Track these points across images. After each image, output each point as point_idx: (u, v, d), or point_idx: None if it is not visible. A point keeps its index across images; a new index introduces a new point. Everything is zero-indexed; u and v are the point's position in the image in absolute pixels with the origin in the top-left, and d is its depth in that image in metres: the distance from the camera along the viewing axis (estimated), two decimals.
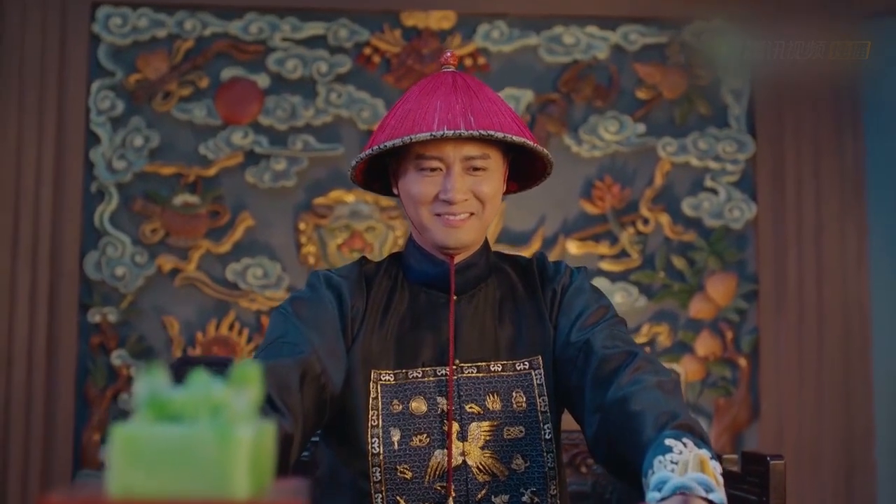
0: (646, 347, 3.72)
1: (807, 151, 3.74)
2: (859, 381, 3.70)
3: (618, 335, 1.83)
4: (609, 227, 3.76)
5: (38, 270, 3.55)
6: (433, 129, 1.75)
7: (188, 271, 3.63)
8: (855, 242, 3.74)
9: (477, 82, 1.87)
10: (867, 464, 3.69)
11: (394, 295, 1.90)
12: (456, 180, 1.79)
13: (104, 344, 3.59)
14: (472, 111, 1.79)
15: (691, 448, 1.48)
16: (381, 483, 1.80)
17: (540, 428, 1.86)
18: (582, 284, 1.93)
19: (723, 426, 3.71)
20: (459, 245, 1.84)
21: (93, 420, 3.56)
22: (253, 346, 3.62)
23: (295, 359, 1.71)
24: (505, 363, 1.87)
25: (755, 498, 2.08)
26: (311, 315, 1.81)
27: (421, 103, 1.83)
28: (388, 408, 1.82)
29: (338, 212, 3.69)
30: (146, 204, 3.64)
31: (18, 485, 3.46)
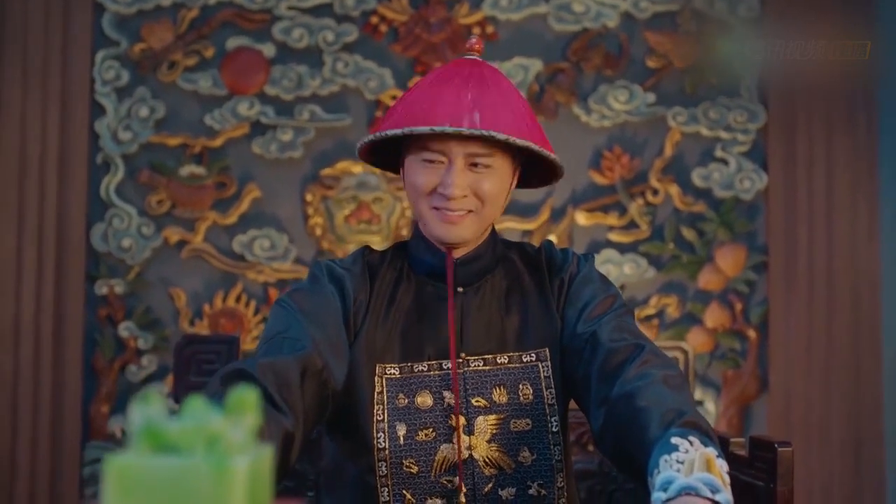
0: (654, 320, 3.71)
1: (819, 122, 3.69)
2: (868, 354, 3.68)
3: (625, 327, 1.81)
4: (618, 197, 3.73)
5: (45, 242, 3.54)
6: (436, 123, 1.72)
7: (195, 243, 3.62)
8: (866, 214, 3.71)
9: (496, 75, 1.82)
10: (875, 436, 3.68)
11: (399, 287, 1.87)
12: (456, 175, 1.76)
13: (111, 315, 3.59)
14: (480, 108, 1.75)
15: (697, 446, 1.47)
16: (388, 477, 1.79)
17: (547, 420, 1.84)
18: (589, 273, 1.90)
19: (731, 398, 3.70)
20: (456, 241, 1.82)
21: (101, 392, 3.57)
22: (260, 317, 3.61)
23: (296, 355, 1.68)
24: (511, 355, 1.86)
25: (762, 484, 2.07)
26: (312, 308, 1.79)
27: (432, 92, 1.79)
28: (394, 402, 1.80)
29: (345, 183, 3.66)
30: (152, 175, 3.62)
31: (28, 456, 3.47)
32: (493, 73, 1.83)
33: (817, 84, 3.68)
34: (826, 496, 3.65)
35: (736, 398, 3.71)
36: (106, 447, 3.56)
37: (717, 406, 3.70)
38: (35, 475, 3.47)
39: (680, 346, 2.75)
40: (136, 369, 3.58)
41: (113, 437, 3.57)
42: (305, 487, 2.55)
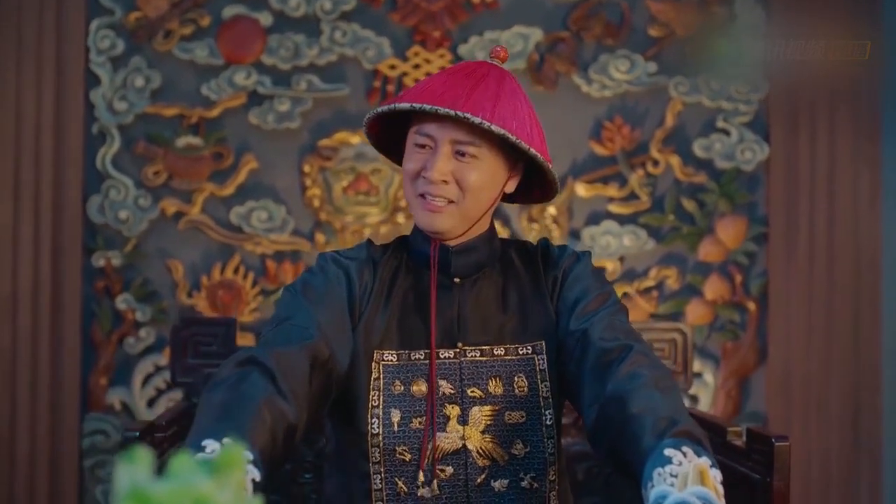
0: (653, 292, 3.70)
1: (822, 93, 3.65)
2: (868, 326, 3.68)
3: (617, 325, 1.81)
4: (618, 168, 3.70)
5: (41, 214, 3.52)
6: (416, 101, 1.75)
7: (192, 215, 3.60)
8: (868, 186, 3.68)
9: (508, 79, 1.83)
10: (873, 408, 3.68)
11: (398, 275, 1.90)
12: (439, 160, 1.78)
13: (109, 288, 3.58)
14: (470, 95, 1.76)
15: (691, 457, 1.46)
16: (380, 464, 1.81)
17: (541, 413, 1.85)
18: (584, 270, 1.91)
19: (729, 370, 3.70)
20: (435, 230, 1.84)
21: (99, 364, 3.57)
22: (258, 289, 3.60)
23: (303, 344, 1.72)
24: (508, 347, 1.87)
25: (759, 477, 2.07)
26: (319, 294, 1.82)
27: (435, 78, 1.82)
28: (390, 388, 1.83)
29: (343, 154, 3.63)
30: (148, 146, 3.59)
31: (27, 428, 3.48)
32: (506, 78, 1.84)
33: (820, 53, 3.64)
34: (823, 467, 3.66)
35: (735, 370, 3.71)
36: (105, 419, 3.56)
37: (716, 378, 3.70)
38: (34, 447, 3.48)
39: (678, 327, 2.73)
40: (135, 341, 3.57)
41: (112, 408, 3.57)
42: (303, 469, 2.56)
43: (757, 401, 3.71)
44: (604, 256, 3.68)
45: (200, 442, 1.41)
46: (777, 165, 3.69)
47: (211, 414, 1.51)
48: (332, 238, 3.61)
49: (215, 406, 1.52)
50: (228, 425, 1.46)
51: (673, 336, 2.73)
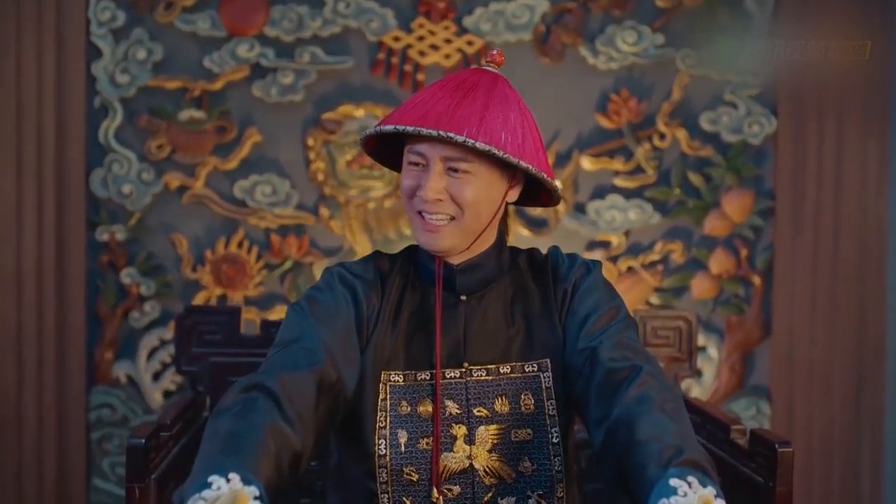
0: (658, 266, 3.69)
1: (831, 65, 3.60)
2: (873, 300, 3.67)
3: (626, 344, 1.80)
4: (624, 142, 3.67)
5: (44, 189, 3.50)
6: (401, 122, 1.74)
7: (196, 188, 3.58)
8: (876, 160, 3.65)
9: (506, 91, 1.80)
10: (877, 383, 3.69)
11: (405, 294, 1.88)
12: (431, 178, 1.76)
13: (113, 262, 3.57)
14: (455, 112, 1.73)
15: (696, 488, 1.47)
16: (388, 484, 1.81)
17: (548, 431, 1.85)
18: (594, 283, 1.89)
19: (734, 344, 3.71)
20: (437, 249, 1.82)
21: (104, 338, 3.58)
22: (262, 263, 3.60)
23: (311, 369, 1.70)
24: (514, 365, 1.86)
25: (762, 480, 2.08)
26: (326, 314, 1.81)
27: (424, 94, 1.79)
28: (397, 409, 1.82)
29: (347, 127, 3.61)
30: (151, 119, 3.57)
31: (34, 402, 3.50)
32: (504, 89, 1.80)
33: (830, 25, 3.59)
34: (825, 441, 3.68)
35: (739, 344, 3.71)
36: (111, 392, 3.58)
37: (720, 352, 3.70)
38: (42, 421, 3.51)
39: (683, 315, 2.72)
40: (139, 315, 3.58)
41: (118, 382, 3.59)
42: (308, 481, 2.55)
43: (760, 375, 3.72)
44: (609, 231, 3.66)
45: (206, 478, 1.41)
46: (785, 139, 3.66)
47: (216, 446, 1.50)
48: (337, 212, 3.60)
49: (221, 437, 1.52)
50: (234, 459, 1.46)
51: (678, 324, 2.73)
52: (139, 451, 1.93)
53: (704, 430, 2.40)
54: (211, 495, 1.38)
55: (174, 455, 2.17)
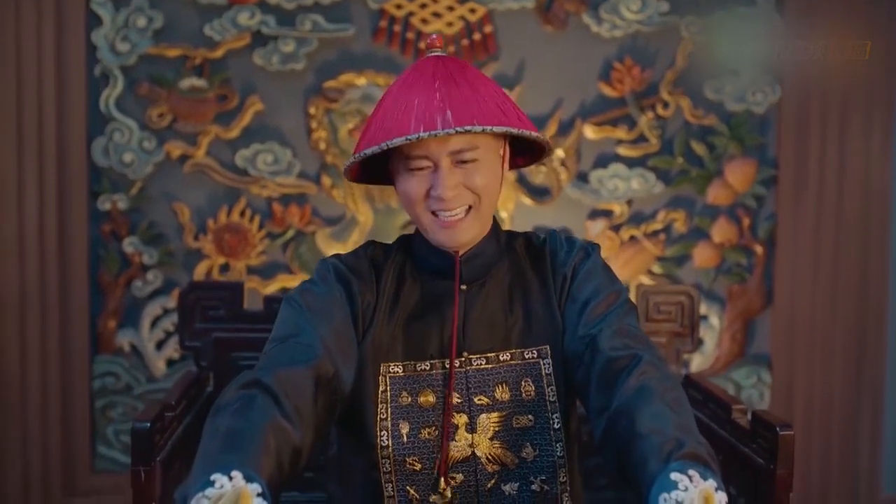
0: (660, 235, 3.68)
1: (836, 32, 3.58)
2: (875, 271, 3.67)
3: (626, 331, 1.80)
4: (628, 110, 3.65)
5: (45, 158, 3.49)
6: (409, 131, 1.70)
7: (197, 158, 3.57)
8: (880, 130, 3.64)
9: (460, 67, 1.79)
10: (878, 352, 3.70)
11: (403, 285, 1.87)
12: (445, 177, 1.75)
13: (115, 231, 3.57)
14: (450, 104, 1.72)
15: (697, 481, 1.47)
16: (392, 474, 1.82)
17: (549, 417, 1.85)
18: (593, 268, 1.89)
19: (735, 312, 3.71)
20: (459, 245, 1.82)
21: (107, 307, 3.58)
22: (264, 233, 3.59)
23: (308, 365, 1.71)
24: (514, 352, 1.86)
25: (763, 462, 2.09)
26: (322, 308, 1.80)
27: (399, 101, 1.76)
28: (397, 400, 1.82)
29: (349, 95, 3.59)
30: (152, 87, 3.55)
31: (38, 373, 3.52)
32: (458, 65, 1.80)
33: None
34: (825, 409, 3.70)
35: (740, 313, 3.72)
36: (115, 361, 3.60)
37: (721, 321, 3.71)
38: (46, 390, 3.52)
39: (686, 290, 2.72)
40: (142, 284, 3.58)
41: (121, 350, 3.60)
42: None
43: (761, 343, 3.73)
44: (611, 199, 3.66)
45: (209, 476, 1.41)
46: (788, 107, 3.64)
47: (217, 443, 1.50)
48: (339, 181, 3.58)
49: (221, 434, 1.52)
50: (236, 457, 1.46)
51: (680, 299, 2.73)
52: (144, 435, 1.94)
53: (706, 408, 2.41)
54: (214, 493, 1.39)
55: (178, 435, 2.19)
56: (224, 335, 2.62)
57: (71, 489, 3.59)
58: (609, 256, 3.66)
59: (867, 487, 3.73)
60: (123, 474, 3.50)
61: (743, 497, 2.20)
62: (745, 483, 2.18)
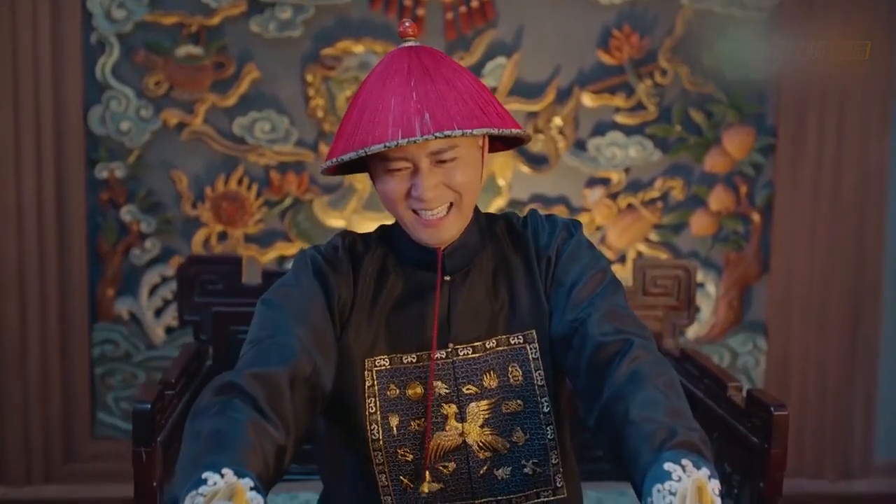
0: (658, 203, 3.68)
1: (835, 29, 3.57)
2: (871, 238, 3.69)
3: (615, 313, 1.79)
4: (626, 78, 3.64)
5: (42, 127, 3.48)
6: (387, 136, 1.65)
7: (194, 126, 3.56)
8: (880, 98, 3.63)
9: (435, 60, 1.74)
10: (872, 320, 3.73)
11: (385, 278, 1.86)
12: (425, 178, 1.72)
13: (113, 199, 3.57)
14: (427, 106, 1.68)
15: (690, 471, 1.48)
16: (385, 465, 1.83)
17: (538, 401, 1.86)
18: (576, 248, 1.87)
19: (732, 280, 3.73)
20: (442, 242, 1.80)
21: (106, 275, 3.59)
22: (262, 201, 3.60)
23: (286, 365, 1.69)
24: (499, 338, 1.86)
25: (757, 441, 2.11)
26: (298, 307, 1.79)
27: (374, 101, 1.71)
28: (385, 393, 1.82)
29: (346, 63, 3.57)
30: (148, 55, 3.53)
31: (38, 341, 3.53)
32: (434, 60, 1.75)
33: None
34: (820, 375, 3.73)
35: (737, 280, 3.73)
36: (114, 328, 3.61)
37: (718, 289, 3.73)
38: (46, 358, 3.54)
39: (683, 264, 2.73)
40: (140, 253, 3.59)
41: (120, 318, 3.61)
42: None
43: (757, 310, 3.75)
44: (609, 167, 3.66)
45: (200, 475, 1.42)
46: (787, 75, 3.63)
47: (202, 445, 1.50)
48: None
49: (205, 437, 1.51)
50: (224, 456, 1.46)
51: (677, 273, 2.74)
52: (145, 416, 1.95)
53: (702, 383, 2.43)
54: (209, 490, 1.39)
55: (179, 413, 2.20)
56: (223, 309, 2.62)
57: (71, 455, 3.62)
58: (607, 224, 3.67)
59: (861, 452, 3.78)
60: (123, 441, 3.54)
61: (738, 474, 2.22)
62: (740, 460, 2.20)
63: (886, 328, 3.75)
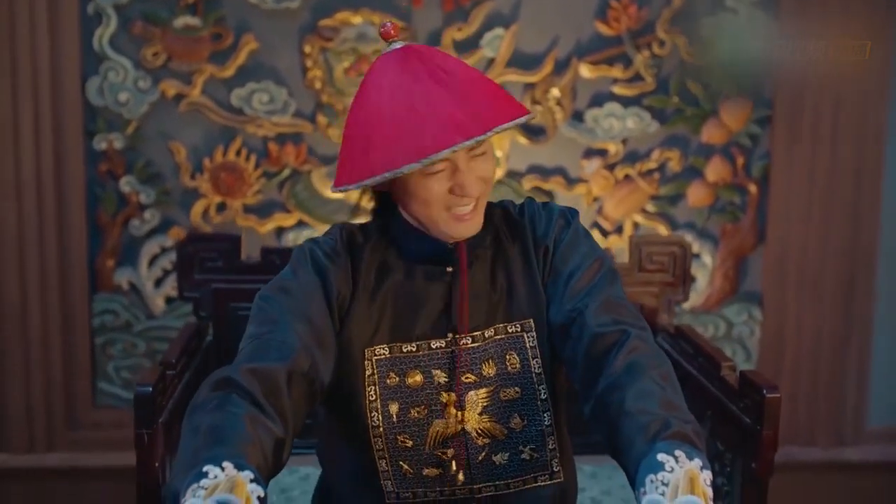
0: (654, 174, 3.70)
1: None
2: (867, 211, 3.70)
3: (612, 304, 1.82)
4: (624, 49, 3.63)
5: (40, 98, 3.48)
6: (449, 142, 1.68)
7: (192, 97, 3.56)
8: (878, 69, 3.63)
9: (439, 60, 1.76)
10: (868, 290, 3.75)
11: (385, 272, 1.88)
12: (468, 174, 1.77)
13: (112, 171, 3.58)
14: (461, 106, 1.71)
15: (683, 461, 1.52)
16: (384, 451, 1.87)
17: (535, 389, 1.90)
18: (574, 237, 1.91)
19: (728, 250, 3.75)
20: (469, 235, 1.84)
21: (106, 246, 3.61)
22: (260, 171, 3.61)
23: (283, 361, 1.72)
24: (497, 327, 1.89)
25: (749, 422, 2.15)
26: (297, 304, 1.81)
27: (402, 111, 1.72)
28: (385, 381, 1.86)
29: (344, 34, 3.56)
30: (146, 26, 3.52)
31: (39, 311, 3.56)
32: (440, 57, 1.77)
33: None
34: (815, 346, 3.76)
35: (733, 251, 3.75)
36: (114, 298, 3.64)
37: (714, 259, 3.75)
38: (47, 328, 3.57)
39: (679, 240, 2.75)
40: (140, 223, 3.61)
41: (120, 289, 3.64)
42: None
43: (753, 280, 3.77)
44: (606, 138, 3.66)
45: (200, 469, 1.45)
46: (785, 45, 3.62)
47: (201, 440, 1.53)
48: (335, 120, 3.58)
49: (203, 431, 1.55)
50: (223, 449, 1.49)
51: (672, 249, 2.77)
52: (147, 399, 1.98)
53: (696, 361, 2.46)
54: (210, 483, 1.43)
55: (180, 392, 2.24)
56: (222, 286, 2.66)
57: (73, 423, 3.66)
58: (603, 195, 3.68)
59: (853, 420, 3.82)
60: (124, 409, 3.58)
61: (730, 452, 2.26)
62: (733, 438, 2.24)
63: (880, 298, 3.78)
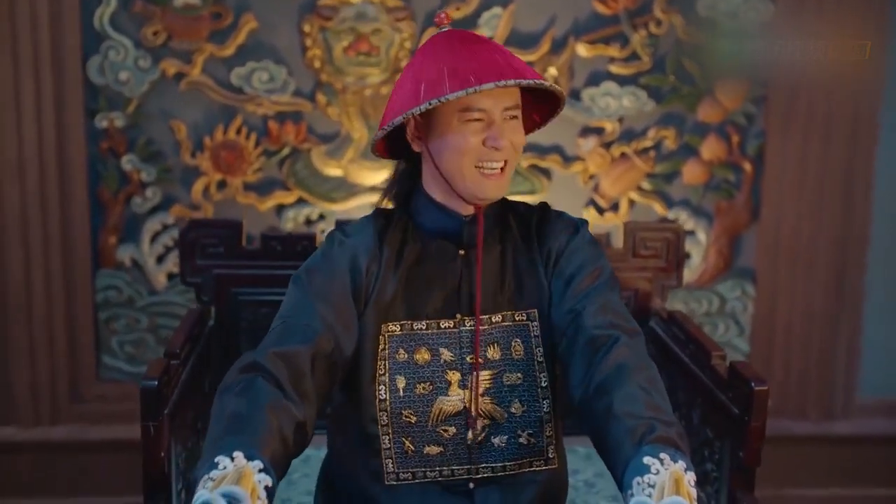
0: (650, 152, 3.74)
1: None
2: (860, 188, 3.74)
3: (609, 308, 1.90)
4: (621, 28, 3.66)
5: (42, 77, 3.51)
6: (495, 78, 1.79)
7: (193, 76, 3.59)
8: (872, 49, 3.65)
9: (479, 38, 1.92)
10: (859, 267, 3.80)
11: (405, 247, 1.98)
12: (503, 129, 1.88)
13: (113, 149, 3.62)
14: (506, 60, 1.85)
15: (668, 464, 1.59)
16: (388, 426, 1.95)
17: (536, 376, 1.98)
18: (580, 243, 1.99)
19: (722, 228, 3.80)
20: (494, 197, 1.94)
21: (108, 223, 3.66)
22: (260, 150, 3.64)
23: (308, 344, 1.83)
24: (505, 314, 1.98)
25: (737, 412, 2.21)
26: (324, 287, 1.92)
27: (451, 59, 1.84)
28: (395, 357, 1.95)
29: (343, 13, 3.59)
30: (146, 5, 3.54)
31: (42, 288, 3.61)
32: (477, 37, 1.92)
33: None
34: (806, 322, 3.82)
35: (727, 228, 3.80)
36: (117, 275, 3.69)
37: (708, 236, 3.80)
38: (51, 304, 3.62)
39: (672, 227, 2.80)
40: (141, 201, 3.65)
41: (122, 265, 3.69)
42: None
43: (747, 258, 3.82)
44: (603, 117, 3.70)
45: (214, 458, 1.54)
46: (781, 24, 3.65)
47: (222, 427, 1.64)
48: (334, 99, 3.62)
49: (225, 418, 1.65)
50: (237, 438, 1.59)
51: (666, 235, 2.82)
52: (152, 392, 2.04)
53: (688, 349, 2.52)
54: (218, 474, 1.52)
55: (184, 380, 2.29)
56: (224, 272, 2.71)
57: (77, 397, 3.72)
58: (600, 173, 3.72)
59: (844, 393, 3.88)
60: (128, 382, 3.66)
61: (719, 440, 2.32)
62: (722, 427, 2.30)
63: (871, 273, 3.83)
